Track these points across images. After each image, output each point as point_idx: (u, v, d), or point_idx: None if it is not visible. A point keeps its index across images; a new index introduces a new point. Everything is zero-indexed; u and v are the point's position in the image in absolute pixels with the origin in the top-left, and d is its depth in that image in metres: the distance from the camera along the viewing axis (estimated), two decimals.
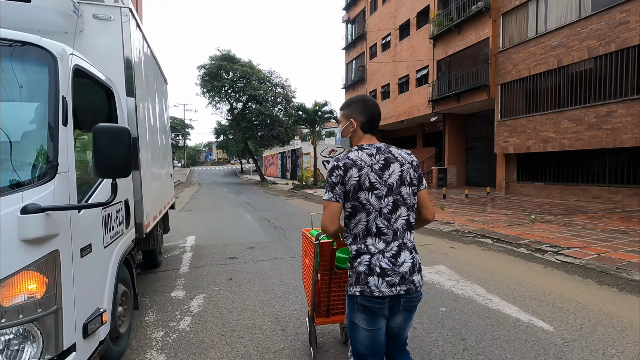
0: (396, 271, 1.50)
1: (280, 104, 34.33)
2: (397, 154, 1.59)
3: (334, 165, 1.55)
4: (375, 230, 1.52)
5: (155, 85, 4.72)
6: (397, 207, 1.54)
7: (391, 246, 1.53)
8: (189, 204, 14.10)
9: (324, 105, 21.23)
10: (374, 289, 1.48)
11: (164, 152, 5.37)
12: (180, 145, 75.17)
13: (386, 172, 1.53)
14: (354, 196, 1.51)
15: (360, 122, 1.64)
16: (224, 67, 30.91)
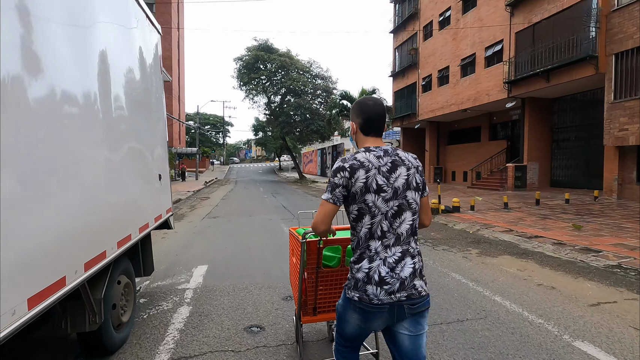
0: (395, 277, 1.45)
1: (320, 96, 31.89)
2: (403, 157, 1.55)
3: (340, 166, 1.50)
4: (379, 233, 1.48)
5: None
6: (402, 211, 1.50)
7: (394, 251, 1.48)
8: (217, 208, 12.00)
9: (372, 92, 18.42)
10: (373, 297, 1.44)
11: (127, 134, 2.96)
12: (220, 142, 75.68)
13: (393, 175, 1.50)
14: (361, 198, 1.47)
15: (358, 124, 1.60)
16: (261, 57, 29.00)
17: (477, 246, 6.15)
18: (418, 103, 22.80)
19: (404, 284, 1.45)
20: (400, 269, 1.46)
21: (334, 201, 1.49)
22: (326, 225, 1.53)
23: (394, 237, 1.48)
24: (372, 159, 1.49)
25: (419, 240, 1.69)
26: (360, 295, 1.46)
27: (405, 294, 1.45)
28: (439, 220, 8.80)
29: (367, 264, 1.47)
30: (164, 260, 5.32)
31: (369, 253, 1.48)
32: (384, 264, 1.46)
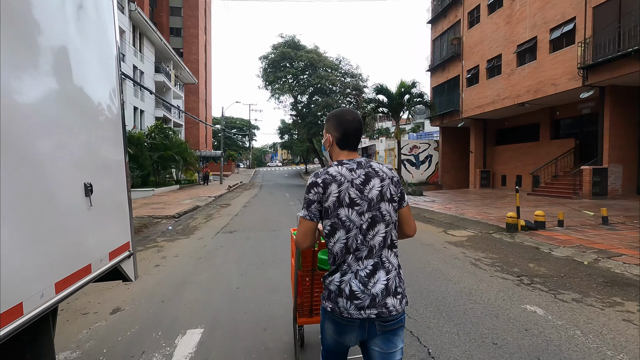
0: (366, 293, 1.41)
1: (350, 95, 29.94)
2: (377, 168, 1.51)
3: (313, 181, 1.48)
4: (354, 247, 1.44)
5: None
6: (375, 224, 1.45)
7: (365, 264, 1.44)
8: (236, 219, 10.24)
9: (412, 86, 16.22)
10: (343, 310, 1.42)
11: None
12: (246, 146, 75.24)
13: (367, 187, 1.46)
14: (334, 213, 1.44)
15: (335, 137, 1.56)
16: (288, 55, 27.46)
17: (622, 292, 3.93)
18: (462, 99, 20.30)
19: (374, 301, 1.41)
20: (372, 285, 1.42)
21: (310, 218, 1.47)
22: (308, 242, 1.52)
23: (367, 250, 1.45)
24: (344, 173, 1.46)
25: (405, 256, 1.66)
26: (333, 307, 1.44)
27: (375, 312, 1.40)
28: (523, 241, 6.55)
29: (339, 277, 1.45)
30: (137, 315, 3.49)
31: (342, 266, 1.45)
32: (356, 277, 1.43)
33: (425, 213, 10.78)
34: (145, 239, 7.31)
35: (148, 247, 6.55)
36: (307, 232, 1.49)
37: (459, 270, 4.84)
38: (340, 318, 1.43)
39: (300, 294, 2.36)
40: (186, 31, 51.73)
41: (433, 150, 25.16)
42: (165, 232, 8.16)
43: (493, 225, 8.11)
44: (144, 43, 26.24)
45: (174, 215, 10.55)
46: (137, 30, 24.75)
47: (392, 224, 1.49)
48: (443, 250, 6.01)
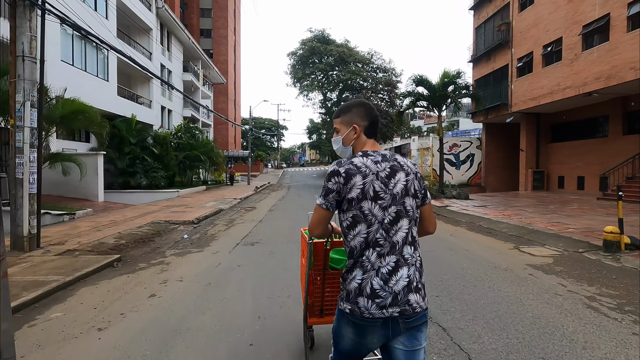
0: (387, 291, 1.35)
1: (382, 91, 28.24)
2: (402, 162, 1.48)
3: (334, 170, 1.42)
4: (374, 242, 1.38)
5: None
6: (399, 219, 1.40)
7: (387, 260, 1.38)
8: (260, 226, 9.02)
9: (456, 76, 14.42)
10: (364, 310, 1.35)
11: None
12: (274, 146, 74.95)
13: (392, 181, 1.41)
14: (357, 205, 1.38)
15: (363, 127, 1.52)
16: (317, 49, 26.21)
17: None
18: (511, 90, 18.15)
19: (397, 299, 1.35)
20: (394, 282, 1.36)
21: (327, 207, 1.43)
22: (321, 230, 1.50)
23: (389, 246, 1.39)
24: (369, 164, 1.42)
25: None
26: (352, 308, 1.37)
27: (397, 309, 1.35)
28: (636, 266, 4.82)
29: (360, 275, 1.38)
30: None
31: (362, 263, 1.38)
32: (377, 274, 1.37)
33: (480, 221, 9.09)
34: (154, 252, 6.22)
35: (152, 263, 5.43)
36: (320, 220, 1.46)
37: (574, 318, 3.28)
38: (361, 319, 1.35)
39: (311, 293, 2.29)
40: (215, 32, 51.91)
41: (475, 148, 23.00)
42: (179, 243, 7.07)
43: (580, 242, 6.36)
44: (172, 42, 25.91)
45: (193, 221, 9.52)
46: (164, 29, 24.41)
47: (414, 220, 1.45)
48: (531, 280, 4.43)
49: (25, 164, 5.72)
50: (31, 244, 5.84)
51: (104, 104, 16.12)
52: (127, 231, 7.84)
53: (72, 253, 5.82)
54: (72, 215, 9.42)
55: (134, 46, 19.74)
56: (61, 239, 6.82)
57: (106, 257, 5.54)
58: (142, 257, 5.81)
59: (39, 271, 4.76)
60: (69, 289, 4.25)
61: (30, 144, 5.78)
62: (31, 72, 5.77)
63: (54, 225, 8.57)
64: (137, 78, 21.25)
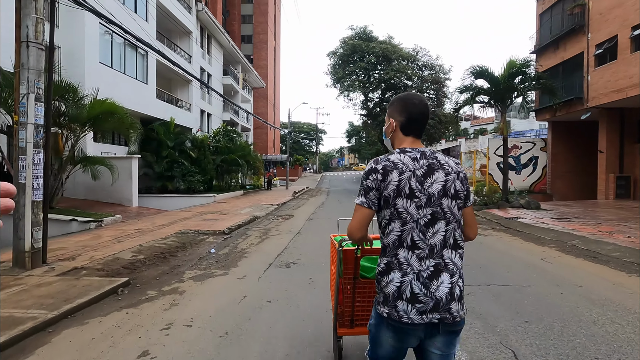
0: (429, 296, 1.30)
1: (428, 90, 26.23)
2: (443, 161, 1.40)
3: (372, 167, 1.39)
4: (409, 242, 1.34)
5: None
6: (436, 220, 1.34)
7: (427, 264, 1.33)
8: (298, 239, 7.79)
9: (525, 64, 12.37)
10: (403, 314, 1.31)
11: None
12: (313, 150, 74.36)
13: (428, 180, 1.36)
14: (392, 202, 1.35)
15: (399, 122, 1.47)
16: (359, 47, 24.85)
17: None
18: (587, 82, 15.58)
19: (438, 305, 1.31)
20: (435, 287, 1.32)
21: (368, 205, 1.38)
22: (362, 232, 1.43)
23: (427, 249, 1.34)
24: (406, 161, 1.38)
25: None
26: (390, 312, 1.33)
27: (438, 316, 1.31)
28: None
29: (399, 277, 1.34)
30: None
31: (399, 264, 1.35)
32: (417, 278, 1.32)
33: (571, 240, 7.18)
34: (171, 273, 5.17)
35: (164, 291, 4.34)
36: (362, 221, 1.40)
37: None
38: (399, 323, 1.31)
39: (340, 302, 2.20)
40: (256, 37, 52.35)
41: (539, 150, 20.29)
42: (203, 259, 6.00)
43: None
44: (212, 45, 25.82)
45: (224, 231, 8.51)
46: (205, 32, 24.33)
47: (455, 222, 1.38)
48: None
49: (27, 167, 4.91)
50: (34, 260, 5.02)
51: (143, 106, 15.89)
52: (150, 243, 6.94)
53: (78, 273, 4.92)
54: (99, 222, 8.80)
55: (174, 49, 19.61)
56: (74, 253, 6.01)
57: (112, 280, 4.55)
58: (155, 281, 4.76)
59: (25, 300, 3.82)
60: (47, 331, 3.22)
61: (35, 143, 4.97)
62: (37, 60, 4.97)
63: (77, 234, 7.93)
64: (176, 81, 21.17)
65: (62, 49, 12.15)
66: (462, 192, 1.39)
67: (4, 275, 4.68)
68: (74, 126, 8.81)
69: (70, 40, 12.18)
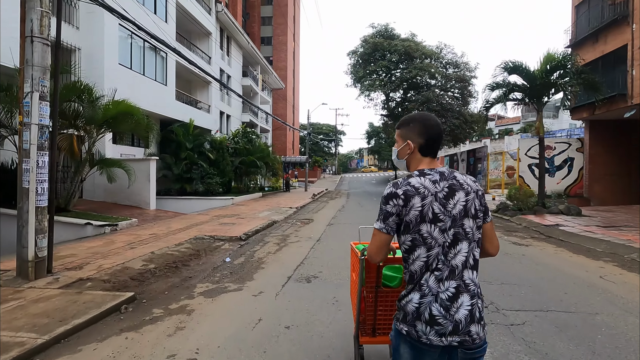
0: (448, 318, 1.28)
1: (453, 88, 25.21)
2: (462, 180, 1.39)
3: (392, 192, 1.36)
4: (434, 266, 1.32)
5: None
6: (458, 242, 1.34)
7: (447, 286, 1.31)
8: (319, 247, 7.25)
9: (566, 58, 11.39)
10: (421, 335, 1.30)
11: None
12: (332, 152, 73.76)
13: (450, 202, 1.34)
14: (415, 228, 1.33)
15: (418, 144, 1.44)
16: (380, 45, 24.14)
17: None
18: (632, 77, 14.30)
19: (457, 328, 1.28)
20: (455, 310, 1.29)
21: (387, 231, 1.37)
22: (382, 256, 1.44)
23: (448, 270, 1.31)
24: (428, 185, 1.35)
25: None
26: (409, 330, 1.32)
27: (457, 339, 1.28)
28: None
29: (417, 298, 1.32)
30: None
31: (420, 287, 1.33)
32: (436, 300, 1.30)
33: (630, 253, 6.31)
34: (181, 285, 4.74)
35: (171, 309, 3.89)
36: (381, 246, 1.40)
37: None
38: (419, 342, 1.30)
39: (362, 311, 2.20)
40: (275, 39, 52.40)
41: (575, 151, 18.96)
42: (217, 270, 5.56)
43: None
44: (232, 46, 25.72)
45: (240, 237, 8.07)
46: (224, 33, 24.23)
47: (475, 242, 1.37)
48: None
49: (31, 170, 4.59)
50: (38, 270, 4.69)
51: (162, 108, 15.79)
52: (162, 250, 6.57)
53: (82, 285, 4.55)
54: (114, 226, 8.55)
55: (194, 50, 19.52)
56: (83, 261, 5.68)
57: (116, 295, 4.14)
58: (163, 296, 4.33)
59: (19, 319, 3.44)
60: None
61: (39, 145, 4.64)
62: (42, 57, 4.65)
63: (90, 239, 7.67)
64: (196, 83, 21.10)
65: (82, 50, 12.11)
66: (481, 211, 1.39)
67: (4, 286, 4.36)
68: (90, 128, 8.60)
69: (89, 42, 12.13)
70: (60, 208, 8.95)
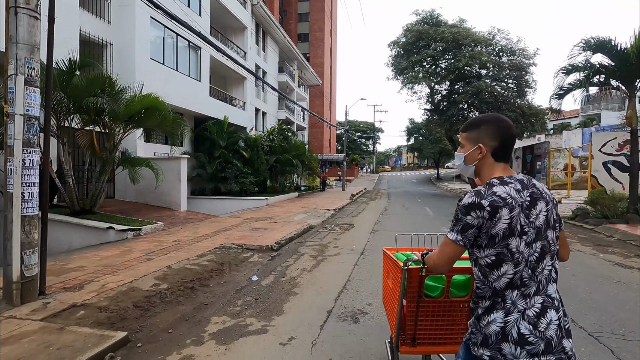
0: (539, 336, 1.19)
1: (507, 78, 22.71)
2: (541, 189, 1.30)
3: (475, 202, 1.23)
4: (519, 283, 1.23)
5: None
6: (544, 255, 1.26)
7: (533, 302, 1.22)
8: (362, 266, 5.97)
9: None
10: (510, 358, 1.18)
11: None
12: (369, 150, 71.79)
13: (533, 212, 1.26)
14: (502, 243, 1.23)
15: (492, 148, 1.34)
16: (425, 33, 22.24)
17: None
18: None
19: (550, 345, 1.20)
20: (544, 326, 1.20)
21: (464, 244, 1.28)
22: (448, 268, 1.36)
23: (535, 286, 1.24)
24: (513, 194, 1.24)
25: None
26: (493, 355, 1.20)
27: (552, 358, 1.19)
28: None
29: (502, 317, 1.22)
30: None
31: (504, 304, 1.23)
32: (523, 318, 1.21)
33: None
34: (191, 319, 3.70)
35: None
36: (452, 258, 1.31)
37: None
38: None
39: (402, 321, 2.11)
40: (312, 35, 51.56)
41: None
42: (240, 293, 4.49)
43: None
44: (267, 42, 25.01)
45: (272, 247, 7.01)
46: (260, 28, 23.55)
47: (556, 254, 1.30)
48: None
49: (15, 171, 3.75)
50: (25, 292, 3.85)
51: (196, 104, 15.24)
52: (181, 264, 5.63)
53: (73, 314, 3.65)
54: (137, 231, 7.83)
55: (229, 45, 18.92)
56: (88, 277, 4.85)
57: (105, 335, 3.16)
58: (166, 336, 3.30)
59: None
60: None
61: (26, 140, 3.80)
62: (29, 32, 3.80)
63: (109, 246, 6.96)
64: (231, 79, 20.56)
65: (114, 45, 11.71)
66: (557, 220, 1.32)
67: None
68: (113, 124, 7.94)
69: (121, 37, 11.71)
70: (85, 210, 8.43)
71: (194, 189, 16.02)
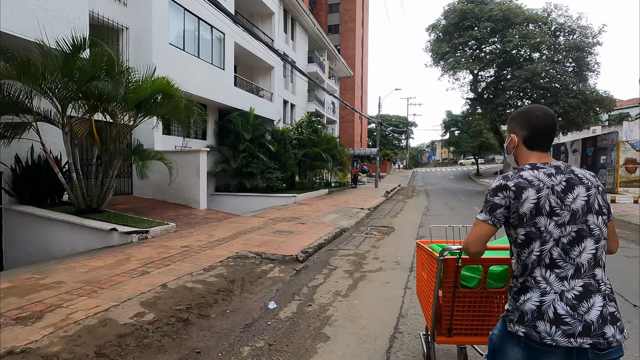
0: (576, 318, 1.20)
1: (566, 60, 20.02)
2: (581, 175, 1.33)
3: (501, 184, 1.32)
4: (547, 261, 1.26)
5: None
6: (582, 239, 1.27)
7: (572, 284, 1.24)
8: (415, 289, 4.51)
9: None
10: (545, 336, 1.20)
11: None
12: (402, 145, 69.07)
13: (569, 196, 1.29)
14: (530, 221, 1.28)
15: (522, 137, 1.41)
16: (470, 12, 20.02)
17: None
18: None
19: (589, 329, 1.19)
20: (584, 309, 1.21)
21: (493, 223, 1.34)
22: (478, 247, 1.39)
23: (573, 268, 1.25)
24: (542, 177, 1.31)
25: None
26: (528, 331, 1.23)
27: (589, 341, 1.18)
28: None
29: (537, 297, 1.25)
30: None
31: (537, 283, 1.26)
32: (561, 299, 1.23)
33: None
34: None
35: None
36: (482, 237, 1.36)
37: None
38: (539, 344, 1.21)
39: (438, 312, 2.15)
40: (343, 26, 49.88)
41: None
42: (249, 331, 3.21)
43: None
44: (296, 30, 23.72)
45: (297, 257, 5.70)
46: (288, 15, 22.28)
47: (604, 240, 1.30)
48: None
49: None
50: None
51: (219, 94, 14.23)
52: (182, 280, 4.44)
53: None
54: (144, 233, 6.80)
55: (255, 32, 17.79)
56: (55, 301, 3.74)
57: None
58: None
59: None
60: None
61: None
62: None
63: (106, 252, 5.93)
64: (257, 69, 19.48)
65: (130, 30, 10.85)
66: (605, 207, 1.32)
67: None
68: (114, 109, 6.93)
69: (137, 20, 10.82)
70: (91, 208, 7.53)
71: (219, 185, 15.10)
